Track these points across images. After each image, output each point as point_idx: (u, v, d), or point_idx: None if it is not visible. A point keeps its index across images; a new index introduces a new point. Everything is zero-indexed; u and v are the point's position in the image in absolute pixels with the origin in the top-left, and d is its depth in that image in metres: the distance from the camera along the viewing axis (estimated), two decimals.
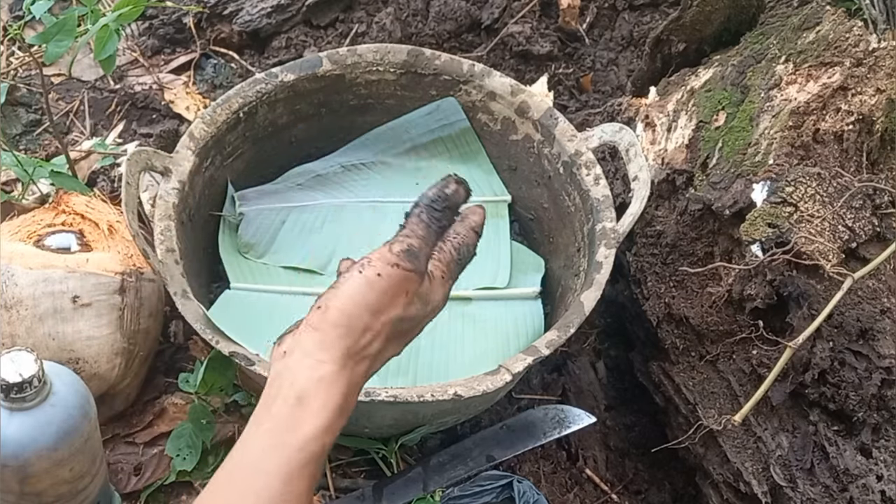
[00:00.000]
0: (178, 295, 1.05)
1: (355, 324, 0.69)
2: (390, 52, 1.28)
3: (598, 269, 1.12)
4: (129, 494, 1.15)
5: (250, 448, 0.68)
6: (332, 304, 0.69)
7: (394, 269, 0.69)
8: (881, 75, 1.15)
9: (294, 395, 0.67)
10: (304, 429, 0.66)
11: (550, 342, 1.06)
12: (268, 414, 0.67)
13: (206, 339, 1.02)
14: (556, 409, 1.23)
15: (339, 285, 0.70)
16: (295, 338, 0.70)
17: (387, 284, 0.69)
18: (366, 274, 0.69)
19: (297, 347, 0.69)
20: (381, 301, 0.69)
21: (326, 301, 0.70)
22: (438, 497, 1.15)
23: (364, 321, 0.69)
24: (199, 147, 1.18)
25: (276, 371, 0.69)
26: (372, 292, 0.69)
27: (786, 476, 1.08)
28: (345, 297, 0.69)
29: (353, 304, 0.69)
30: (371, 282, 0.69)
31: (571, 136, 1.24)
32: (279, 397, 0.67)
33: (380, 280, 0.69)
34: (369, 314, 0.69)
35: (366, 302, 0.69)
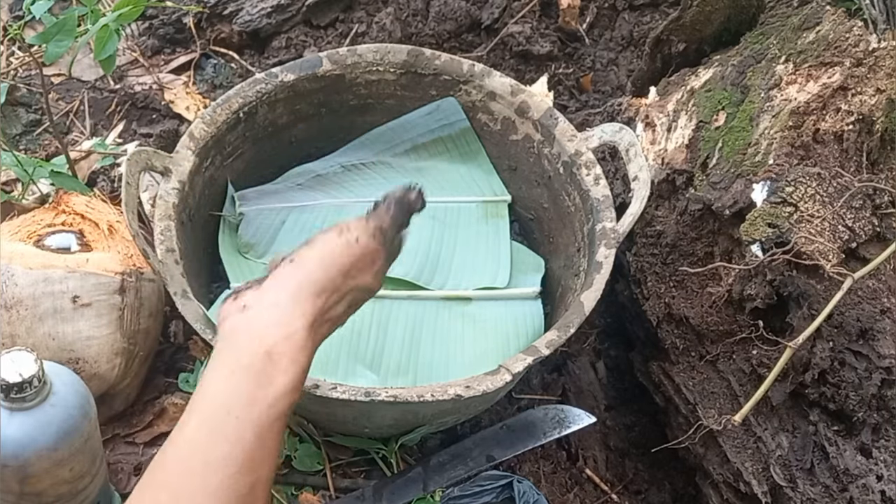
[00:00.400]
0: (178, 295, 1.05)
1: (331, 283, 0.70)
2: (390, 52, 1.28)
3: (598, 269, 1.12)
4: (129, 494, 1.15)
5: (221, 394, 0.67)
6: (308, 257, 0.70)
7: (370, 240, 0.72)
8: (881, 75, 1.15)
9: (263, 350, 0.67)
10: (275, 385, 0.67)
11: (550, 342, 1.06)
12: (234, 371, 0.67)
13: (206, 339, 1.02)
14: (556, 409, 1.23)
15: (315, 243, 0.71)
16: (259, 293, 0.70)
17: (361, 252, 0.72)
18: (346, 237, 0.72)
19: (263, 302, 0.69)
20: (354, 265, 0.71)
21: (301, 255, 0.70)
22: (438, 497, 1.15)
23: (338, 282, 0.71)
24: (199, 147, 1.18)
25: (234, 325, 0.69)
26: (350, 255, 0.71)
27: (786, 476, 1.08)
28: (323, 254, 0.70)
29: (331, 263, 0.70)
30: (350, 245, 0.71)
31: (571, 136, 1.24)
32: (246, 351, 0.67)
33: (357, 246, 0.71)
34: (342, 276, 0.71)
35: (342, 263, 0.71)
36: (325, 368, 1.12)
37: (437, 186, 1.35)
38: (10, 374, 0.86)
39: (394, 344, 1.18)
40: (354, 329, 1.18)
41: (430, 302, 1.24)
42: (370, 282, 0.74)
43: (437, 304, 1.24)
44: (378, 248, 0.73)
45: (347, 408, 1.05)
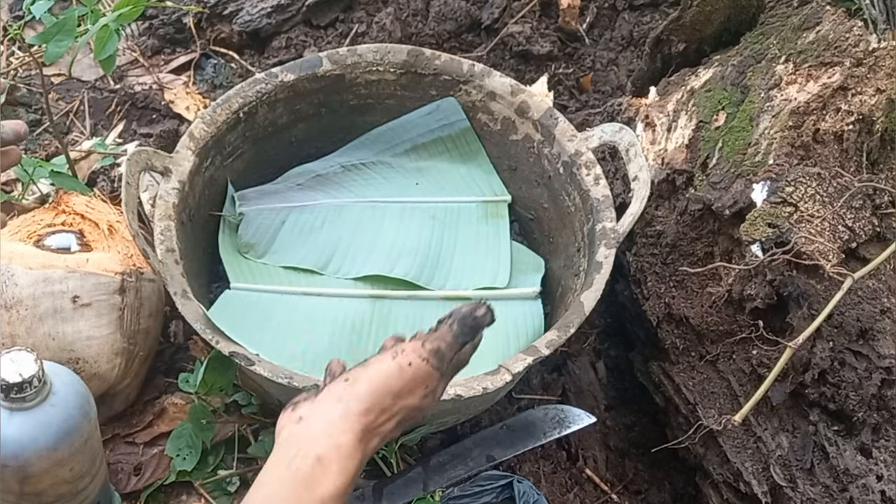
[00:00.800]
0: (178, 295, 1.05)
1: (379, 403, 0.74)
2: (390, 52, 1.28)
3: (598, 269, 1.12)
4: (129, 494, 1.15)
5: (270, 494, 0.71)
6: (360, 379, 0.75)
7: (423, 363, 0.76)
8: (881, 75, 1.15)
9: (314, 456, 0.71)
10: (323, 488, 0.71)
11: (550, 342, 1.06)
12: (287, 470, 0.71)
13: (206, 339, 1.02)
14: (556, 409, 1.23)
15: (370, 364, 0.76)
16: (314, 406, 0.75)
17: (413, 375, 0.75)
18: (398, 361, 0.75)
19: (317, 415, 0.74)
20: (404, 388, 0.75)
21: (355, 375, 0.75)
22: (438, 497, 1.15)
23: (386, 402, 0.75)
24: (199, 147, 1.18)
25: (291, 433, 0.74)
26: (400, 379, 0.75)
27: (786, 476, 1.08)
28: (375, 377, 0.75)
29: (381, 385, 0.74)
30: (402, 369, 0.75)
31: (571, 136, 1.24)
32: (298, 456, 0.71)
33: (409, 369, 0.75)
34: (392, 397, 0.75)
35: (391, 385, 0.75)
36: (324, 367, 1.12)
37: (437, 186, 1.35)
38: (10, 374, 0.86)
39: None
40: (354, 329, 1.18)
41: (430, 302, 1.24)
42: (420, 403, 0.77)
43: (437, 304, 1.24)
44: (431, 371, 0.76)
45: None
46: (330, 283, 1.23)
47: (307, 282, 1.24)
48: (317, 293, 1.22)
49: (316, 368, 1.11)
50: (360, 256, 1.26)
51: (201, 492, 1.16)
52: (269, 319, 1.17)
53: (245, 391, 1.21)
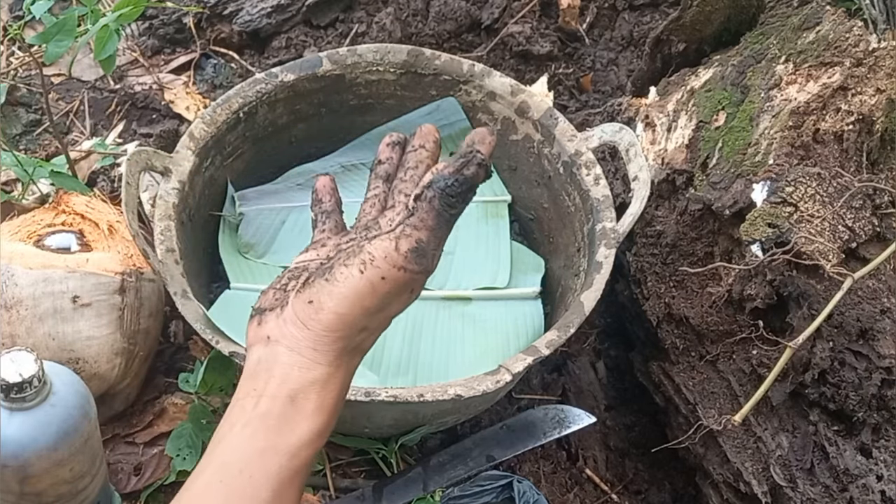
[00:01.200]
0: (178, 295, 1.05)
1: (352, 326, 0.62)
2: (390, 52, 1.28)
3: (598, 269, 1.12)
4: (129, 494, 1.15)
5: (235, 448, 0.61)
6: (326, 305, 0.61)
7: (400, 273, 0.60)
8: (881, 75, 1.15)
9: (285, 394, 0.61)
10: (297, 433, 0.61)
11: (550, 342, 1.06)
12: (255, 410, 0.61)
13: (206, 339, 1.02)
14: (556, 409, 1.23)
15: (335, 281, 0.61)
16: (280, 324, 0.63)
17: (390, 288, 0.61)
18: (368, 276, 0.60)
19: (284, 339, 0.62)
20: (381, 303, 0.62)
21: (319, 296, 0.61)
22: (438, 497, 1.15)
23: (362, 323, 0.63)
24: (199, 147, 1.18)
25: (259, 357, 0.63)
26: (374, 296, 0.61)
27: (786, 476, 1.08)
28: (343, 300, 0.61)
29: (351, 307, 0.61)
30: (374, 286, 0.61)
31: (571, 136, 1.24)
32: (266, 393, 0.61)
33: (383, 283, 0.61)
34: (367, 316, 0.62)
35: (365, 305, 0.61)
36: None
37: None
38: (10, 374, 0.86)
39: (393, 344, 1.18)
40: None
41: (430, 302, 1.24)
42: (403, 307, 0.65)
43: (436, 303, 1.24)
44: (413, 277, 0.61)
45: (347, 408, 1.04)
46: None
47: None
48: None
49: None
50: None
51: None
52: None
53: None
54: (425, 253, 0.60)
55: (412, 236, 0.60)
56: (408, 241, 0.60)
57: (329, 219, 0.72)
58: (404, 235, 0.60)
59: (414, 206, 0.60)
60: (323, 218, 0.72)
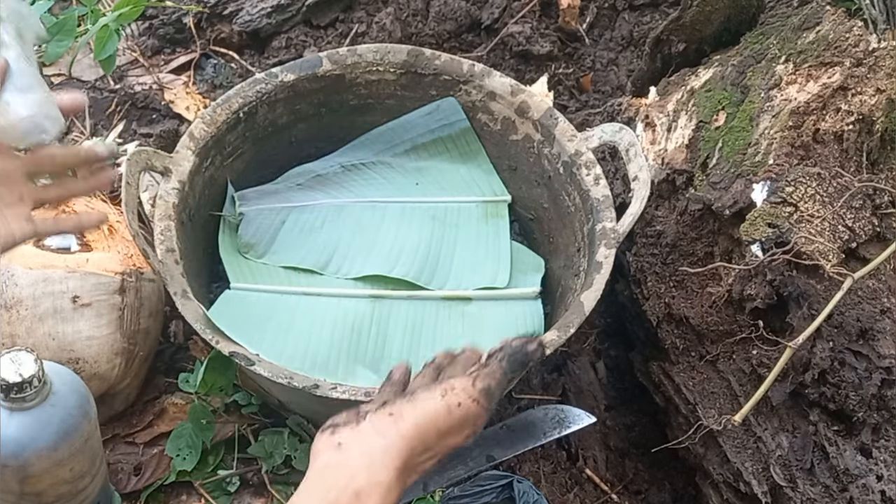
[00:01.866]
0: (178, 295, 1.05)
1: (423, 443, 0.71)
2: (390, 52, 1.28)
3: (598, 269, 1.12)
4: (129, 494, 1.15)
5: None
6: (407, 418, 0.71)
7: (473, 404, 0.72)
8: (881, 75, 1.15)
9: (352, 491, 0.68)
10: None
11: (550, 342, 1.06)
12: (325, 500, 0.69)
13: (206, 339, 1.02)
14: (556, 409, 1.23)
15: (418, 401, 0.72)
16: (354, 434, 0.72)
17: (462, 415, 0.72)
18: (447, 400, 0.72)
19: (358, 445, 0.71)
20: (451, 428, 0.72)
21: (401, 411, 0.72)
22: (438, 497, 1.15)
23: (431, 442, 0.72)
24: (199, 147, 1.18)
25: (328, 461, 0.71)
26: (448, 419, 0.72)
27: (786, 476, 1.08)
28: (422, 416, 0.71)
29: (428, 425, 0.71)
30: (451, 409, 0.72)
31: (571, 136, 1.24)
32: (335, 488, 0.69)
33: (458, 410, 0.72)
34: (437, 437, 0.72)
35: (439, 426, 0.71)
36: (326, 369, 1.12)
37: (436, 186, 1.35)
38: (10, 374, 0.86)
39: (394, 344, 1.19)
40: (354, 329, 1.18)
41: (431, 302, 1.24)
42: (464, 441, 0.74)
43: (437, 303, 1.24)
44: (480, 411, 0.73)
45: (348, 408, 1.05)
46: (330, 283, 1.23)
47: (307, 282, 1.24)
48: (317, 293, 1.22)
49: (316, 368, 1.11)
50: (359, 256, 1.26)
51: (201, 492, 1.16)
52: (269, 319, 1.17)
53: (245, 391, 1.21)
54: (493, 396, 0.74)
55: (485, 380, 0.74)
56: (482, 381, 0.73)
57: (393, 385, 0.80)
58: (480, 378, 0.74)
59: (487, 362, 0.75)
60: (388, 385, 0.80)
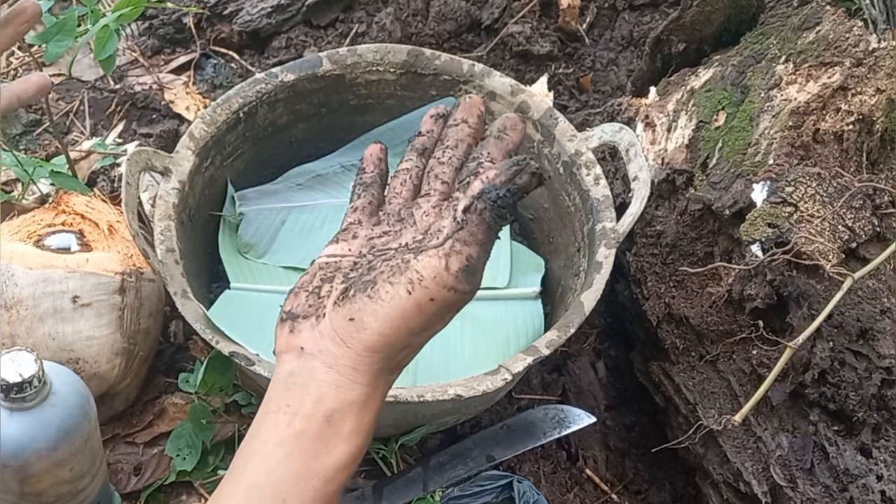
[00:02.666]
0: (178, 295, 1.05)
1: (395, 346, 0.59)
2: (390, 52, 1.28)
3: (598, 269, 1.12)
4: (129, 494, 1.15)
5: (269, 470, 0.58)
6: (370, 325, 0.58)
7: (450, 293, 0.57)
8: (881, 75, 1.15)
9: (321, 414, 0.58)
10: (334, 456, 0.58)
11: (550, 342, 1.06)
12: (289, 429, 0.58)
13: (205, 339, 1.02)
14: (556, 409, 1.23)
15: (381, 300, 0.58)
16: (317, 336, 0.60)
17: (438, 308, 0.58)
18: (416, 297, 0.57)
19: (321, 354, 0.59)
20: (426, 323, 0.59)
21: (362, 315, 0.58)
22: (438, 497, 1.15)
23: (405, 342, 0.59)
24: (199, 147, 1.18)
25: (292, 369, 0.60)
26: (420, 316, 0.58)
27: (786, 476, 1.08)
28: (388, 320, 0.58)
29: (396, 328, 0.58)
30: (422, 306, 0.57)
31: (571, 136, 1.24)
32: (301, 412, 0.58)
33: (431, 304, 0.57)
34: (411, 336, 0.59)
35: (410, 326, 0.58)
36: None
37: None
38: (10, 374, 0.86)
39: None
40: None
41: None
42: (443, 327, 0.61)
43: None
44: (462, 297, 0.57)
45: None
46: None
47: None
48: None
49: None
50: None
51: (201, 492, 1.16)
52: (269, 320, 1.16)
53: (245, 391, 1.21)
54: (476, 271, 0.57)
55: (462, 253, 0.56)
56: (458, 258, 0.56)
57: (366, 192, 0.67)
58: (454, 252, 0.56)
59: (463, 219, 0.57)
60: (360, 191, 0.67)
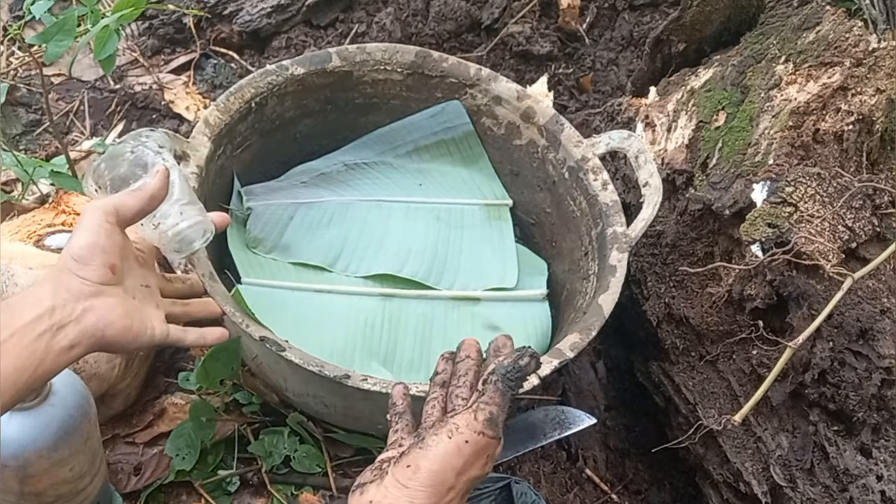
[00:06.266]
0: (206, 277, 1.03)
1: (442, 484, 0.75)
2: (399, 52, 1.28)
3: (612, 272, 1.13)
4: (129, 494, 1.15)
5: None
6: (422, 466, 0.75)
7: (480, 437, 0.75)
8: (881, 75, 1.15)
9: None
10: None
11: (574, 345, 1.07)
12: None
13: (235, 321, 1.01)
14: (557, 409, 1.23)
15: (428, 447, 0.76)
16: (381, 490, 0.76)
17: (472, 450, 0.75)
18: (455, 440, 0.75)
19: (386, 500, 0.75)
20: (465, 464, 0.75)
21: (416, 461, 0.75)
22: None
23: (450, 483, 0.75)
24: (214, 134, 1.17)
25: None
26: (460, 457, 0.75)
27: (786, 476, 1.08)
28: (435, 460, 0.75)
29: (442, 467, 0.75)
30: (460, 448, 0.75)
31: (577, 141, 1.24)
32: None
33: (467, 446, 0.75)
34: (455, 476, 0.75)
35: (453, 465, 0.75)
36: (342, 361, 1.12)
37: (438, 189, 1.35)
38: None
39: (405, 341, 1.19)
40: (367, 325, 1.18)
41: (440, 301, 1.24)
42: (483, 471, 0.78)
43: (446, 303, 1.24)
44: (489, 441, 0.76)
45: (369, 401, 1.05)
46: (340, 281, 1.24)
47: (317, 279, 1.24)
48: (328, 290, 1.22)
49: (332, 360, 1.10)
50: (368, 255, 1.26)
51: (201, 492, 1.16)
52: (282, 314, 1.16)
53: (245, 390, 1.21)
54: (497, 423, 0.76)
55: (485, 409, 0.76)
56: (483, 412, 0.76)
57: (402, 419, 0.85)
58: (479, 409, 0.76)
59: (482, 389, 0.78)
60: (397, 419, 0.85)
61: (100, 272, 0.84)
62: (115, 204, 0.88)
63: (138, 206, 0.89)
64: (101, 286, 0.84)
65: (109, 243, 0.86)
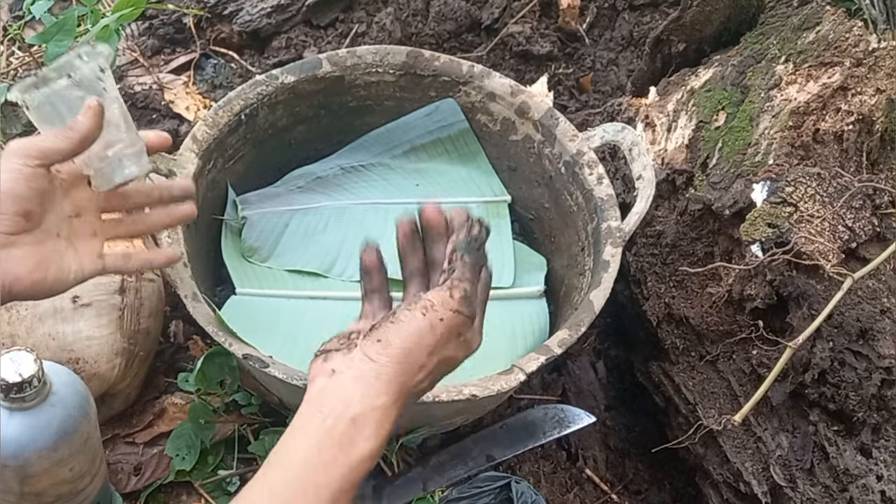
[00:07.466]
0: (188, 297, 1.03)
1: (414, 362, 0.73)
2: (390, 53, 1.28)
3: (605, 267, 1.12)
4: (129, 494, 1.15)
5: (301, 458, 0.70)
6: (394, 341, 0.73)
7: (454, 315, 0.74)
8: (881, 75, 1.15)
9: (349, 416, 0.70)
10: (358, 449, 0.70)
11: (562, 341, 1.06)
12: (321, 426, 0.70)
13: (219, 341, 1.01)
14: (556, 408, 1.23)
15: (401, 322, 0.73)
16: (347, 360, 0.73)
17: (446, 328, 0.74)
18: (429, 318, 0.73)
19: (351, 370, 0.72)
20: (438, 343, 0.74)
21: (387, 335, 0.73)
22: (438, 497, 1.15)
23: (421, 360, 0.73)
24: (202, 150, 1.17)
25: (323, 386, 0.72)
26: (432, 335, 0.73)
27: (786, 476, 1.08)
28: (407, 337, 0.73)
29: (415, 345, 0.73)
30: (434, 325, 0.73)
31: (573, 136, 1.24)
32: (331, 415, 0.70)
33: (441, 324, 0.73)
34: (426, 355, 0.73)
35: (426, 343, 0.73)
36: None
37: (437, 188, 1.35)
38: (10, 374, 0.86)
39: None
40: None
41: None
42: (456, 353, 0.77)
43: None
44: (463, 319, 0.75)
45: None
46: (336, 287, 1.23)
47: (313, 286, 1.24)
48: (323, 297, 1.22)
49: None
50: None
51: (201, 492, 1.16)
52: (276, 324, 1.17)
53: (245, 391, 1.21)
54: (472, 301, 0.76)
55: (459, 286, 0.75)
56: (458, 290, 0.75)
57: (377, 296, 0.82)
58: (454, 286, 0.75)
59: (450, 267, 0.77)
60: (371, 296, 0.82)
61: (9, 222, 0.78)
62: (41, 147, 0.80)
63: (67, 149, 0.81)
64: (9, 236, 0.78)
65: (26, 188, 0.79)
